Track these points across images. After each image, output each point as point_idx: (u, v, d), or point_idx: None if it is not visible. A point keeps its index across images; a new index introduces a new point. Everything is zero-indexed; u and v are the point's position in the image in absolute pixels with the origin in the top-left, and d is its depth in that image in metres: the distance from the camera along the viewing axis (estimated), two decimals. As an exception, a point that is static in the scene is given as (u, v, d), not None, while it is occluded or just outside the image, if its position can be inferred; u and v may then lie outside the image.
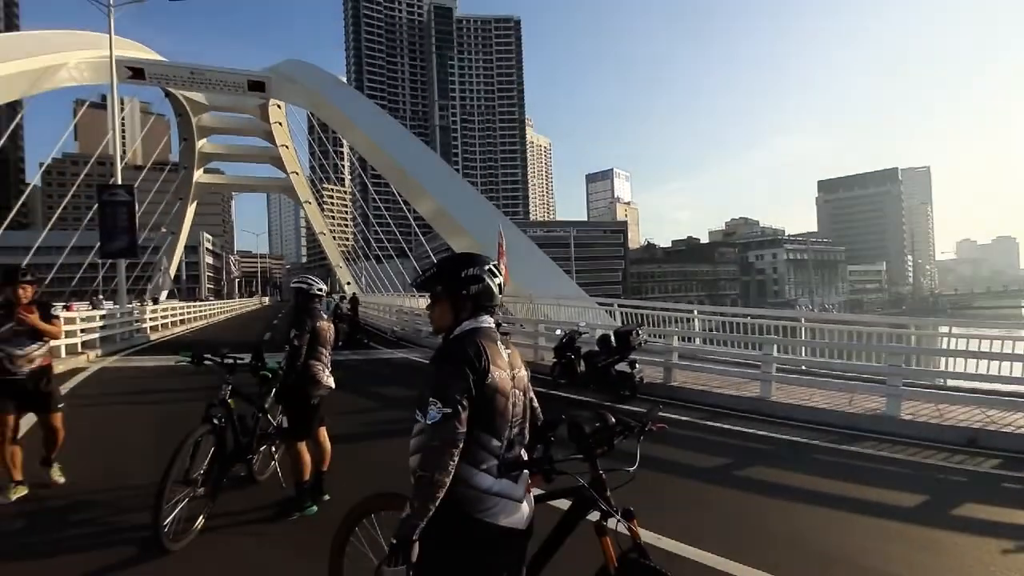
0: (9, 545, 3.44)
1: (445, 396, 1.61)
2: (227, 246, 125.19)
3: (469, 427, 1.64)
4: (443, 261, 1.90)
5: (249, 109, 44.49)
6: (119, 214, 18.46)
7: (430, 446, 1.60)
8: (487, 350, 1.71)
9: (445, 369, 1.68)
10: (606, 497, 1.93)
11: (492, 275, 1.84)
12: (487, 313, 1.83)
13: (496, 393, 1.69)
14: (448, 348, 1.76)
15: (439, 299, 1.83)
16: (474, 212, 23.19)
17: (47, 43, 26.28)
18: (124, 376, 10.67)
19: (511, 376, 1.77)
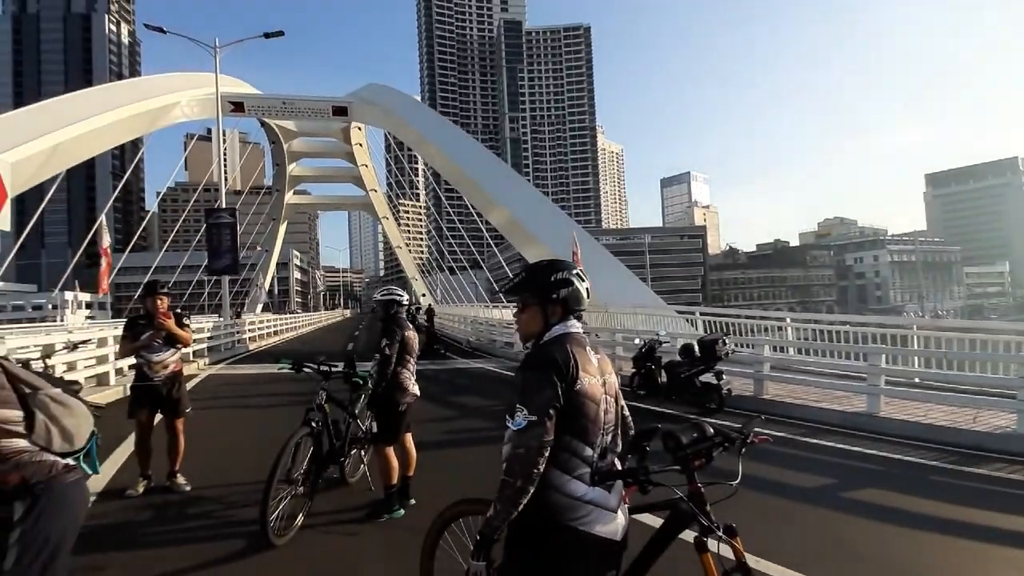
0: (139, 534, 3.82)
1: (531, 403, 1.61)
2: (313, 261, 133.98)
3: (560, 434, 1.63)
4: (532, 266, 1.91)
5: (333, 133, 47.53)
6: (223, 235, 20.30)
7: (515, 453, 1.61)
8: (576, 356, 1.69)
9: (532, 376, 1.68)
10: (706, 512, 1.84)
11: (580, 279, 1.83)
12: (576, 318, 1.81)
13: (586, 399, 1.67)
14: (536, 354, 1.75)
15: (528, 304, 1.83)
16: (546, 221, 23.27)
17: (162, 85, 29.61)
18: (229, 382, 11.62)
19: (601, 382, 1.75)
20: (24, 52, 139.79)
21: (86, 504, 1.94)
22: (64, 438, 1.88)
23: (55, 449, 1.86)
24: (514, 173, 31.06)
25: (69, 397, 1.96)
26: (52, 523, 1.78)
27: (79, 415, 1.95)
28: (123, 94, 27.67)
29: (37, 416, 1.83)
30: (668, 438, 1.89)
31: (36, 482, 1.78)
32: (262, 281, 51.79)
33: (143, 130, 29.21)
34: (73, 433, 1.91)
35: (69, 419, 1.90)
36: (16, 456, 1.77)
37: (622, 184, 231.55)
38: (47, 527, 1.76)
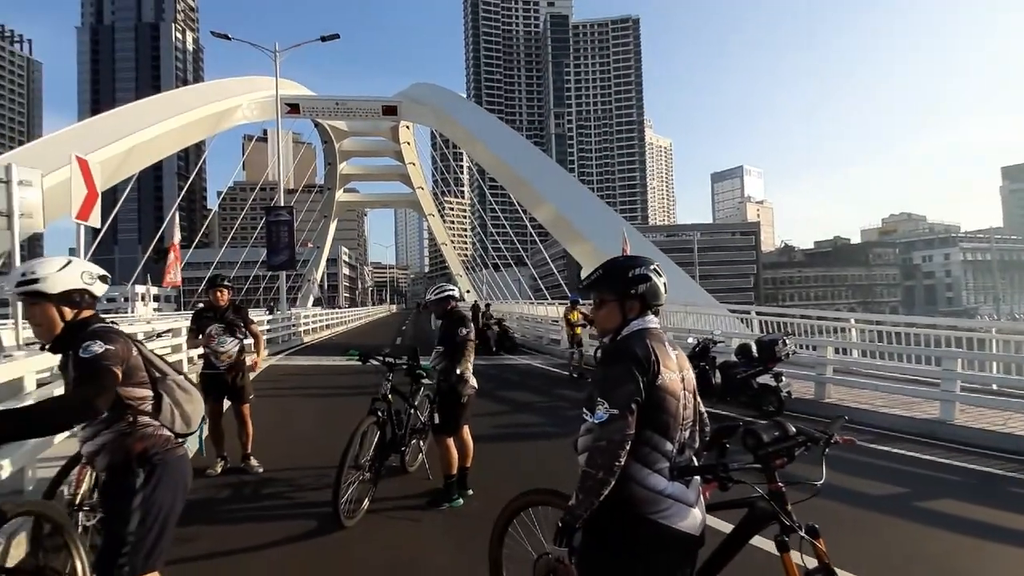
0: (220, 510, 4.09)
1: (612, 397, 1.62)
2: (361, 258, 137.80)
3: (640, 428, 1.64)
4: (610, 262, 1.93)
5: (382, 132, 48.68)
6: (281, 232, 21.21)
7: (596, 446, 1.62)
8: (656, 351, 1.69)
9: (613, 369, 1.69)
10: (787, 511, 1.81)
11: (658, 274, 1.83)
12: (653, 313, 1.81)
13: (667, 394, 1.67)
14: (617, 348, 1.76)
15: (606, 300, 1.84)
16: (593, 217, 23.06)
17: (224, 90, 31.14)
18: (288, 372, 12.16)
19: (680, 377, 1.74)
20: (101, 62, 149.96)
21: (190, 477, 2.14)
22: (183, 420, 2.08)
23: (176, 430, 2.06)
24: (560, 169, 30.93)
25: (190, 384, 2.16)
26: (166, 491, 1.97)
27: (196, 401, 2.14)
28: (189, 99, 29.33)
29: (164, 399, 2.03)
30: (749, 436, 1.87)
31: (154, 453, 1.97)
32: (314, 277, 53.74)
33: (207, 133, 30.84)
34: (191, 417, 2.11)
35: (188, 404, 2.10)
36: (143, 428, 1.97)
37: (670, 179, 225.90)
38: (162, 495, 1.96)
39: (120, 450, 1.93)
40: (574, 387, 10.07)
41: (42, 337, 1.93)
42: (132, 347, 1.97)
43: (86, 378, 1.79)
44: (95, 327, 1.93)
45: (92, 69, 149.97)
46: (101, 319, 2.02)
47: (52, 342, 1.93)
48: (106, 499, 1.99)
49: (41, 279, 1.85)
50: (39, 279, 1.85)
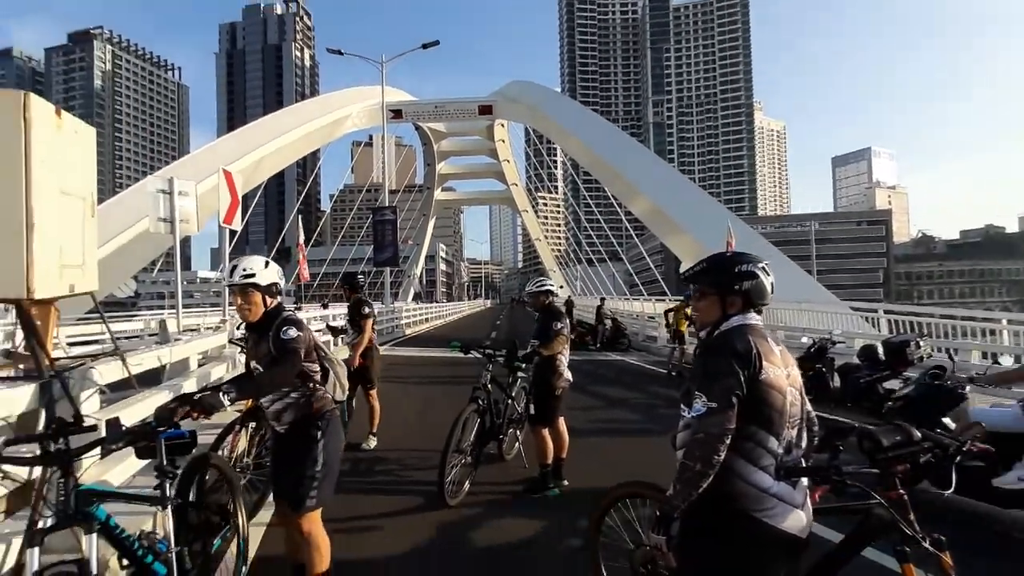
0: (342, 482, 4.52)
1: (710, 390, 1.61)
2: (457, 254, 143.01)
3: (745, 423, 1.61)
4: (716, 256, 1.92)
5: (477, 131, 50.14)
6: (386, 231, 22.69)
7: (694, 438, 1.61)
8: (758, 345, 1.66)
9: (712, 362, 1.67)
10: (910, 520, 1.69)
11: (766, 273, 1.79)
12: (756, 311, 1.78)
13: (772, 390, 1.63)
14: (716, 341, 1.74)
15: (707, 293, 1.82)
16: (693, 209, 22.09)
17: (336, 102, 33.82)
18: (394, 362, 13.01)
19: (786, 374, 1.70)
20: (234, 82, 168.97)
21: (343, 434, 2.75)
22: (341, 390, 2.70)
23: (336, 398, 2.65)
24: (658, 159, 29.94)
25: (342, 363, 2.79)
26: (335, 442, 2.56)
27: (345, 376, 2.77)
28: (306, 113, 32.21)
29: (329, 372, 2.64)
30: (865, 438, 1.78)
31: (326, 412, 2.54)
32: (413, 272, 56.71)
33: (322, 142, 33.75)
34: (345, 388, 2.75)
35: (343, 378, 2.73)
36: (317, 394, 2.55)
37: (783, 165, 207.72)
38: (333, 444, 2.53)
39: (302, 409, 2.49)
40: (671, 385, 9.78)
41: (248, 319, 2.45)
42: (309, 332, 2.52)
43: (284, 357, 2.33)
44: (286, 315, 2.46)
45: (228, 89, 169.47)
46: (286, 308, 2.58)
47: (254, 323, 2.48)
48: (291, 448, 2.49)
49: (256, 274, 2.38)
50: (255, 274, 2.38)
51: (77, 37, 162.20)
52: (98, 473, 2.70)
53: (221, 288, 10.25)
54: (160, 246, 21.46)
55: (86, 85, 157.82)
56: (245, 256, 2.46)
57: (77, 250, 2.56)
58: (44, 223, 2.26)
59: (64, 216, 2.43)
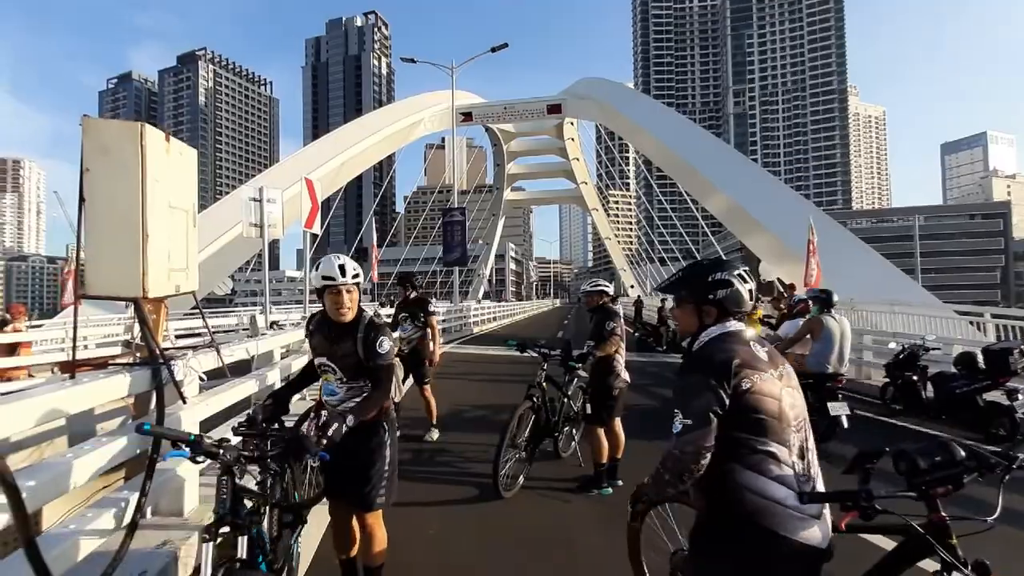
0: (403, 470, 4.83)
1: (686, 406, 1.61)
2: (526, 253, 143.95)
3: (742, 435, 1.58)
4: (691, 265, 1.91)
5: (546, 130, 50.26)
6: (455, 231, 23.38)
7: (671, 452, 1.63)
8: (739, 353, 1.63)
9: (688, 379, 1.66)
10: (950, 545, 1.60)
11: (743, 280, 1.77)
12: (736, 319, 1.76)
13: (762, 396, 1.59)
14: (693, 357, 1.73)
15: (683, 302, 1.83)
16: (775, 206, 20.95)
17: (409, 108, 35.19)
18: (460, 359, 13.46)
19: (778, 375, 1.66)
20: (318, 94, 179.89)
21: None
22: (398, 390, 2.88)
23: (396, 400, 2.94)
24: (737, 154, 28.59)
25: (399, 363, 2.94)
26: (396, 440, 2.67)
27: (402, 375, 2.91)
28: (382, 120, 33.77)
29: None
30: (900, 459, 1.67)
31: (388, 411, 2.65)
32: (483, 272, 57.84)
33: (396, 146, 35.25)
34: (402, 388, 2.98)
35: (400, 378, 2.95)
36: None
37: (882, 154, 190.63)
38: (395, 442, 2.66)
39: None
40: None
41: (346, 318, 2.47)
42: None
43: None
44: (376, 321, 2.53)
45: (313, 100, 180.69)
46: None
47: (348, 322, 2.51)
48: (359, 448, 2.50)
49: (360, 273, 2.54)
50: (359, 273, 2.54)
51: (185, 59, 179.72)
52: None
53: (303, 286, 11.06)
54: (253, 248, 23.40)
55: (192, 102, 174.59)
56: (341, 255, 2.53)
57: (182, 256, 2.98)
58: (156, 233, 2.67)
59: (171, 227, 2.84)
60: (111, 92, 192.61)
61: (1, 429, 1.79)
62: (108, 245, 2.57)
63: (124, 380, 2.52)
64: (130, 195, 2.55)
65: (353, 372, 2.52)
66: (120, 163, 2.54)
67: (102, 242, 2.57)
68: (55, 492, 2.02)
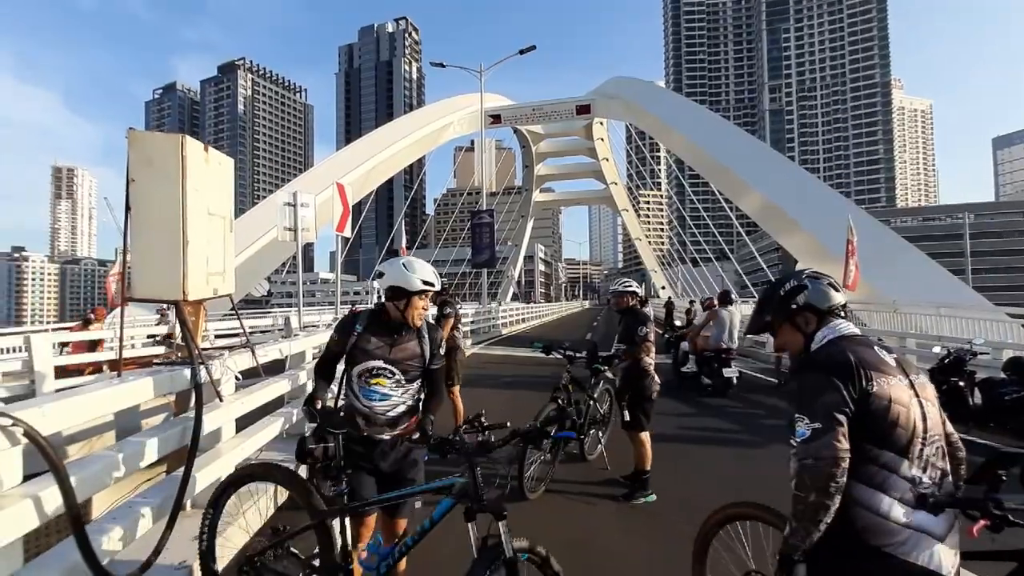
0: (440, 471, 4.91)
1: (812, 409, 1.46)
2: (555, 254, 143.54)
3: (862, 443, 1.44)
4: (761, 295, 1.87)
5: (575, 131, 50.02)
6: (483, 234, 23.52)
7: (802, 464, 1.44)
8: (861, 353, 1.51)
9: (809, 379, 1.53)
10: None
11: (814, 278, 1.71)
12: (839, 318, 1.65)
13: (889, 402, 1.45)
14: (811, 357, 1.61)
15: (778, 326, 1.74)
16: (812, 205, 20.35)
17: (438, 111, 35.57)
18: (489, 360, 13.56)
19: (908, 383, 1.51)
20: (351, 99, 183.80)
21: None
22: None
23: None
24: (772, 152, 27.84)
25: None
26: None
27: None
28: (412, 123, 34.26)
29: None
30: None
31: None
32: (512, 273, 57.93)
33: (426, 149, 35.66)
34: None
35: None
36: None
37: (929, 149, 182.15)
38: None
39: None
40: (777, 395, 9.20)
41: (419, 321, 2.44)
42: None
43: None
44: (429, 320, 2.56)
45: (345, 106, 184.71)
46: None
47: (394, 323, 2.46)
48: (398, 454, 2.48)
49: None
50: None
51: (225, 68, 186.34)
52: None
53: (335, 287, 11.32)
54: (288, 251, 24.05)
55: (231, 110, 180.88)
56: (422, 260, 2.49)
57: (219, 260, 3.11)
58: (195, 239, 2.80)
59: (210, 233, 2.98)
60: (157, 102, 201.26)
61: (57, 424, 1.92)
62: (152, 251, 2.72)
63: (166, 379, 2.66)
64: (172, 203, 2.69)
65: (414, 375, 2.45)
66: (163, 173, 2.69)
67: (146, 248, 2.72)
68: (103, 483, 2.15)
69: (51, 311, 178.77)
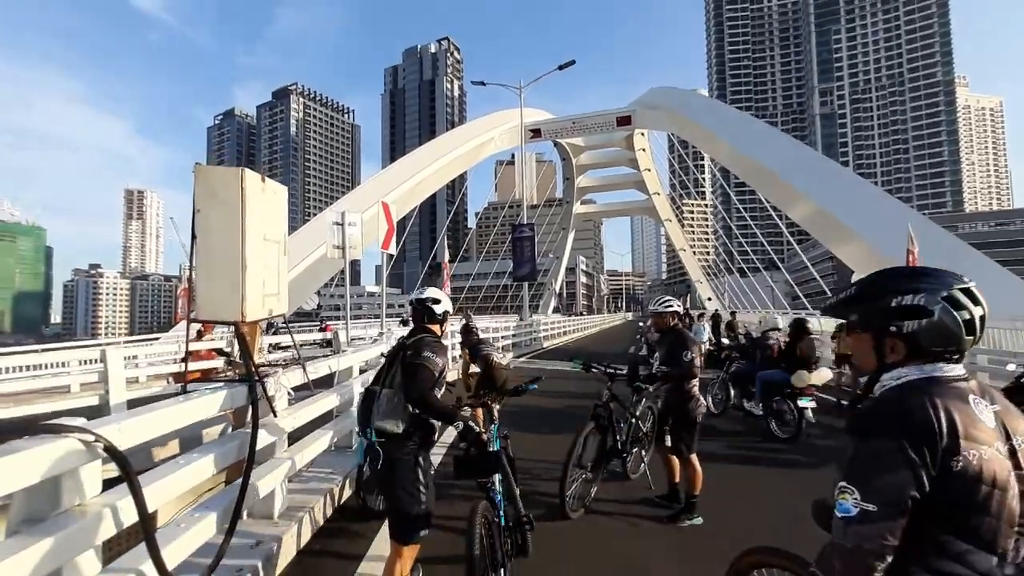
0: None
1: (866, 485, 1.15)
2: (597, 266, 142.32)
3: (932, 531, 1.15)
4: (872, 277, 1.38)
5: (616, 142, 49.82)
6: (525, 247, 23.67)
7: (836, 545, 1.18)
8: (950, 414, 1.16)
9: (872, 443, 1.18)
10: None
11: (955, 306, 1.25)
12: (944, 361, 1.26)
13: (975, 482, 1.13)
14: (878, 409, 1.24)
15: (855, 330, 1.37)
16: (868, 211, 19.57)
17: (479, 127, 36.29)
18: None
19: (1007, 451, 1.17)
20: (396, 118, 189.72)
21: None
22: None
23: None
24: (822, 158, 26.92)
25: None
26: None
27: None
28: (454, 140, 35.06)
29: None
30: None
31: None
32: (553, 285, 57.84)
33: (468, 165, 36.38)
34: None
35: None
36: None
37: (1000, 150, 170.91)
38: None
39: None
40: (836, 415, 8.77)
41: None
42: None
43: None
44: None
45: (391, 125, 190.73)
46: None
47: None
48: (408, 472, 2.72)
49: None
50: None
51: (278, 93, 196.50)
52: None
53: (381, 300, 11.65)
54: (336, 266, 24.95)
55: (284, 133, 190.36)
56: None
57: (274, 282, 3.31)
58: (253, 264, 3.00)
59: (266, 257, 3.18)
60: (217, 127, 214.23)
61: (133, 439, 2.09)
62: (214, 276, 2.93)
63: (225, 395, 2.84)
64: (232, 231, 2.89)
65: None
66: (225, 203, 2.90)
67: (209, 273, 2.93)
68: (171, 494, 2.32)
69: (123, 324, 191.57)
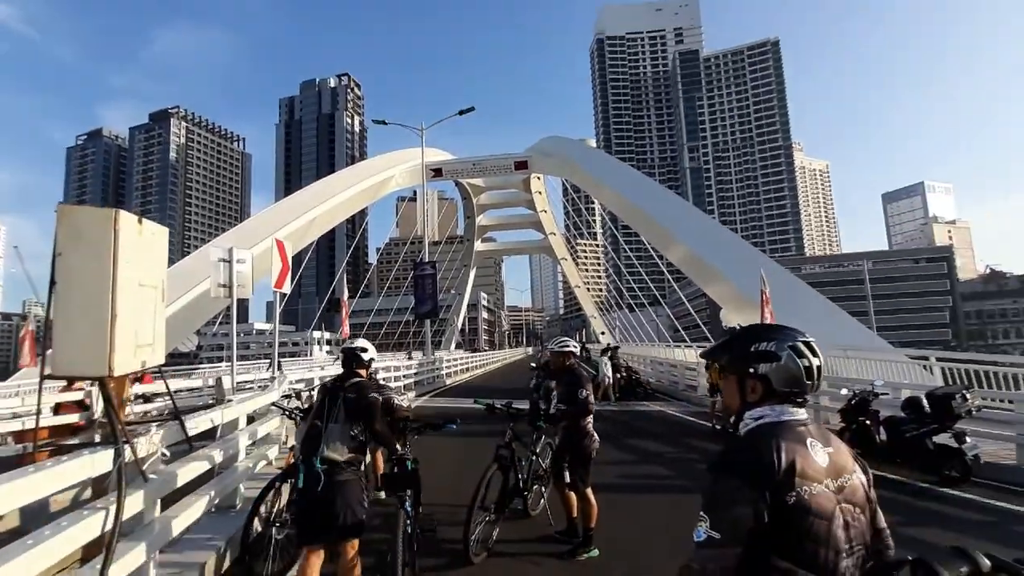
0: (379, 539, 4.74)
1: (715, 515, 1.30)
2: (498, 302, 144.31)
3: (776, 559, 1.29)
4: (740, 331, 1.61)
5: (514, 184, 51.74)
6: (426, 284, 23.52)
7: (690, 564, 1.31)
8: (791, 455, 1.32)
9: (723, 483, 1.35)
10: None
11: (798, 354, 1.44)
12: (792, 404, 1.45)
13: (809, 516, 1.29)
14: (730, 452, 1.43)
15: (725, 374, 1.57)
16: (730, 255, 22.00)
17: (381, 164, 35.96)
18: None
19: (836, 487, 1.35)
20: (292, 151, 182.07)
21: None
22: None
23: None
24: (691, 207, 30.24)
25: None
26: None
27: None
28: (354, 175, 34.34)
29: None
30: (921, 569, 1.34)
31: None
32: (455, 322, 57.61)
33: (368, 200, 35.67)
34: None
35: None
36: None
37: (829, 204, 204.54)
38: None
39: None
40: (713, 439, 9.57)
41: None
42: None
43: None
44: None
45: (286, 156, 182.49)
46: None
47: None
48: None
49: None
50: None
51: (157, 116, 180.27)
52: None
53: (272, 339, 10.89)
54: (220, 304, 22.89)
55: (162, 158, 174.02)
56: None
57: (149, 332, 3.03)
58: (124, 312, 2.73)
59: (140, 305, 2.91)
60: (80, 148, 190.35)
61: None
62: (76, 326, 2.63)
63: (86, 463, 2.51)
64: (101, 277, 2.63)
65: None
66: (92, 247, 2.64)
67: (70, 323, 2.63)
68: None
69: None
